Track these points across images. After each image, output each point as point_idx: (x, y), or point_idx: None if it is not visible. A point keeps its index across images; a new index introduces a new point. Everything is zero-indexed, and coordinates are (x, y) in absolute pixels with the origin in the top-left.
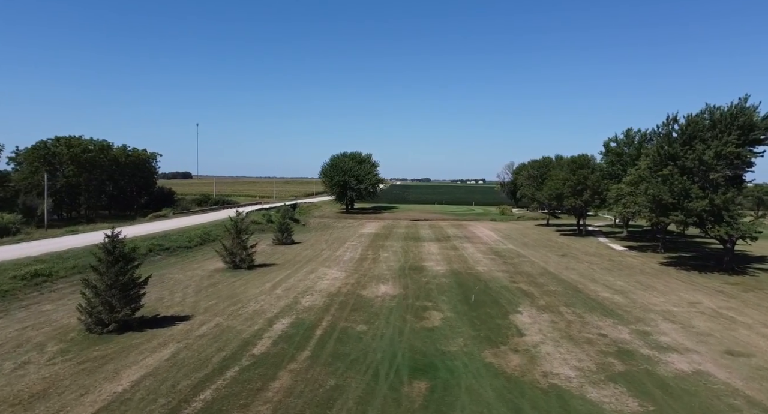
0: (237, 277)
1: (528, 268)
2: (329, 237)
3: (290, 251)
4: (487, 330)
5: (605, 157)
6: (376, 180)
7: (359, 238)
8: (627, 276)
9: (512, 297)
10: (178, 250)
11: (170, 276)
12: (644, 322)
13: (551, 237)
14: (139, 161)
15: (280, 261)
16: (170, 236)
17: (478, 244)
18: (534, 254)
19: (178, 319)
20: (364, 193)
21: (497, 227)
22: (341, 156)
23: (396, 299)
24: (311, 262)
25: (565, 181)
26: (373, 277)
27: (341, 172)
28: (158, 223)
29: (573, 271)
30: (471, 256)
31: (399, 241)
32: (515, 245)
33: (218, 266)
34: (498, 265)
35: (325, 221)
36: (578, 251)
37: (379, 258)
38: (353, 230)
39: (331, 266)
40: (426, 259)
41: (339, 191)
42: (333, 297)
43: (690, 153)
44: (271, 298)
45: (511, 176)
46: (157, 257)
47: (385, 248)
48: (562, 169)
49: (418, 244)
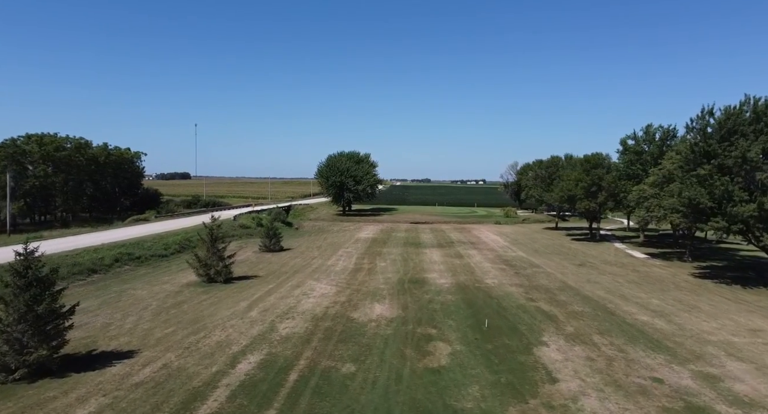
0: (209, 293)
1: (544, 282)
2: (323, 242)
3: (277, 260)
4: (509, 372)
5: (622, 156)
6: (375, 181)
7: (355, 243)
8: (660, 292)
9: (532, 321)
10: (150, 260)
11: (132, 292)
12: (705, 360)
13: (563, 242)
14: (122, 161)
15: (264, 272)
16: (144, 243)
17: (484, 250)
18: (548, 263)
19: (119, 357)
20: (362, 194)
21: (503, 231)
22: (338, 155)
23: (393, 324)
24: (298, 273)
25: (577, 181)
26: (368, 293)
27: (338, 173)
28: (137, 228)
29: (596, 285)
30: (478, 265)
31: (398, 248)
32: (525, 252)
33: (191, 279)
34: (510, 278)
35: (320, 224)
36: (596, 259)
37: (375, 268)
38: (349, 235)
39: (320, 279)
40: (428, 269)
41: (335, 192)
42: (318, 321)
43: (731, 150)
44: (243, 322)
45: (515, 177)
46: (124, 268)
47: (382, 256)
48: (574, 168)
49: (419, 251)
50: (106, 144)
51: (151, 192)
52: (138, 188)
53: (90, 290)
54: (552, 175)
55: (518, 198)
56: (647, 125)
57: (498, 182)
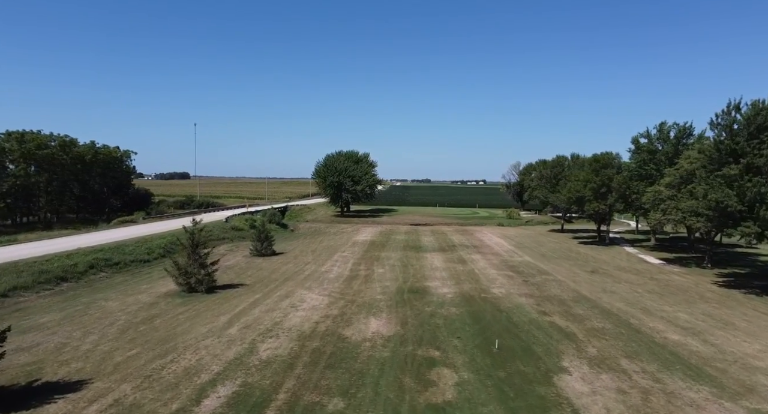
0: (188, 305)
1: (556, 291)
2: (318, 246)
3: (268, 265)
4: (528, 410)
5: (634, 155)
6: (374, 181)
7: (352, 247)
8: (686, 304)
9: (549, 340)
10: (130, 266)
11: (102, 304)
12: (759, 394)
13: (570, 246)
14: (110, 160)
15: (251, 280)
16: (125, 247)
17: (488, 255)
18: (557, 270)
19: (64, 389)
20: (360, 194)
21: (506, 233)
22: (336, 155)
23: (391, 344)
24: (289, 281)
25: (586, 182)
26: (363, 304)
27: (336, 173)
28: (122, 230)
29: (614, 295)
30: (483, 272)
31: (397, 252)
32: (532, 257)
33: (171, 289)
34: (518, 286)
35: (317, 226)
36: (608, 265)
37: (372, 275)
38: (346, 237)
39: (312, 287)
40: (429, 276)
41: (333, 193)
42: (305, 340)
43: (762, 148)
44: (219, 342)
45: (518, 177)
46: (99, 275)
47: (380, 261)
48: (582, 169)
49: (420, 256)
50: (93, 142)
51: (142, 192)
52: (129, 188)
53: (55, 302)
54: (558, 176)
55: (521, 199)
56: (661, 123)
57: (499, 183)
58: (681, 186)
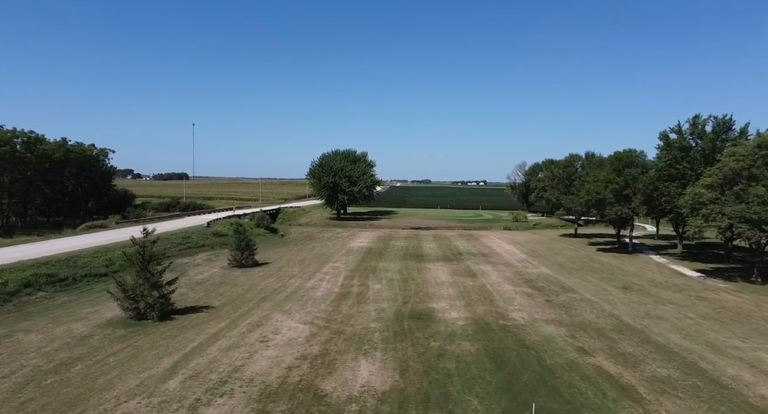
0: (128, 340)
1: (590, 316)
2: (308, 254)
3: (246, 279)
4: None
5: (664, 153)
6: (372, 181)
7: (346, 255)
8: (760, 336)
9: (602, 400)
10: (80, 282)
11: (17, 339)
12: None
13: (590, 254)
14: (84, 159)
15: (221, 300)
16: (79, 259)
17: (499, 265)
18: (583, 286)
19: None
20: (357, 196)
21: (515, 239)
22: (332, 154)
23: (386, 408)
24: (267, 302)
25: (607, 183)
26: (353, 337)
27: (331, 173)
28: (87, 237)
29: (663, 323)
30: (496, 288)
31: (397, 261)
32: (550, 268)
33: (117, 314)
34: (542, 309)
35: (310, 231)
36: (640, 280)
37: (367, 293)
38: (341, 244)
39: (292, 311)
40: (434, 294)
41: (329, 194)
42: (268, 401)
43: None
44: (147, 407)
45: (523, 178)
46: (36, 296)
47: (377, 274)
48: (601, 168)
49: (422, 267)
50: (64, 140)
51: (121, 193)
52: (108, 189)
53: None
54: (571, 176)
55: (526, 200)
56: (694, 116)
57: (500, 183)
58: (725, 187)
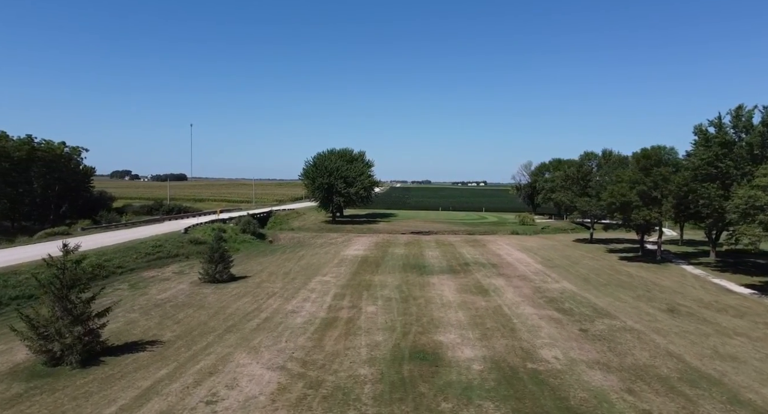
0: (19, 404)
1: (643, 356)
2: (295, 265)
3: (215, 300)
4: None
5: (702, 150)
6: (370, 182)
7: (338, 266)
8: None
9: None
10: (8, 307)
11: None
12: None
13: (613, 264)
14: (53, 158)
15: (175, 332)
16: (13, 277)
17: (513, 279)
18: (619, 307)
19: None
20: (354, 198)
21: (526, 245)
22: (328, 153)
23: None
24: (231, 333)
25: (633, 184)
26: (334, 395)
27: (326, 173)
28: (41, 247)
29: (743, 367)
30: (516, 312)
31: (395, 274)
32: (573, 282)
33: (25, 357)
34: (578, 343)
35: (301, 236)
36: (685, 299)
37: (358, 320)
38: (334, 252)
39: (261, 348)
40: (441, 322)
41: (323, 196)
42: None
43: None
44: None
45: (529, 178)
46: None
47: (372, 291)
48: (624, 166)
49: (425, 282)
50: (29, 137)
51: (96, 196)
52: (85, 191)
53: None
54: (586, 176)
55: (532, 202)
56: (738, 106)
57: (500, 184)
58: None
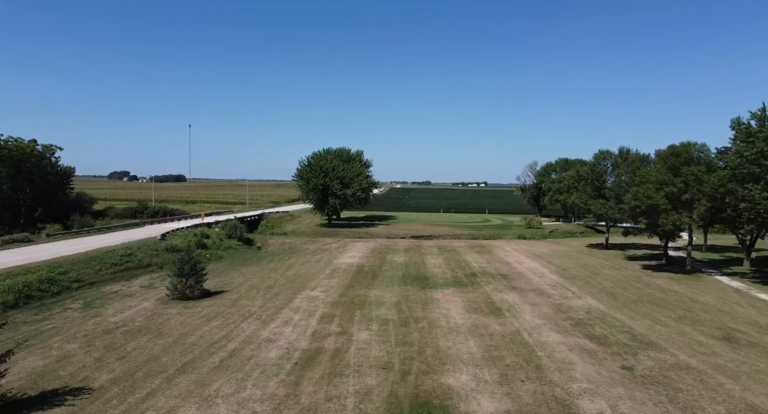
0: None
1: None
2: (281, 276)
3: (177, 324)
4: None
5: (741, 146)
6: (368, 183)
7: (330, 278)
8: None
9: None
10: None
11: None
12: None
13: (639, 275)
14: (22, 157)
15: (113, 372)
16: None
17: (529, 293)
18: (662, 333)
19: None
20: (351, 200)
21: (536, 251)
22: (324, 153)
23: None
24: (184, 375)
25: (660, 185)
26: None
27: (321, 174)
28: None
29: None
30: (539, 340)
31: (394, 288)
32: (598, 298)
33: None
34: (626, 390)
35: (293, 242)
36: (736, 321)
37: (346, 352)
38: (327, 260)
39: (216, 400)
40: (448, 354)
41: (318, 198)
42: None
43: None
44: None
45: (534, 179)
46: None
47: (366, 310)
48: (646, 164)
49: (427, 298)
50: None
51: (71, 198)
52: (63, 193)
53: None
54: (600, 177)
55: (538, 204)
56: None
57: (500, 185)
58: None
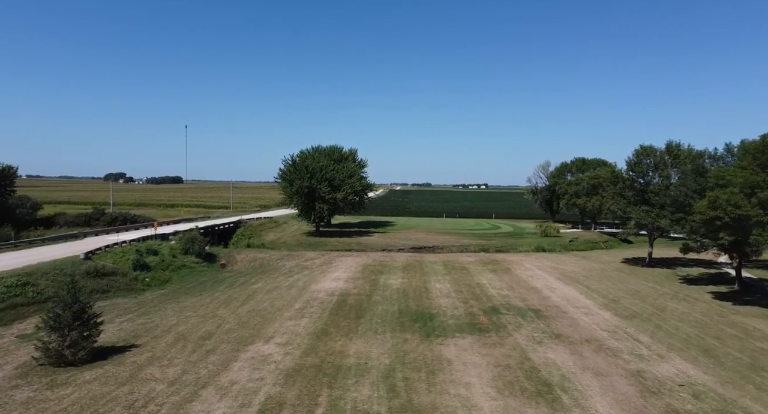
0: None
1: None
2: (230, 315)
3: None
4: None
5: None
6: (363, 186)
7: (298, 318)
8: None
9: None
10: None
11: None
12: None
13: (716, 308)
14: None
15: None
16: None
17: (583, 349)
18: None
19: None
20: (342, 204)
21: (565, 269)
22: (312, 151)
23: None
24: None
25: (752, 189)
26: None
27: (307, 175)
28: None
29: None
30: None
31: (385, 336)
32: (689, 359)
33: None
34: None
35: (266, 257)
36: None
37: None
38: (303, 284)
39: None
40: None
41: (303, 203)
42: None
43: None
44: None
45: (547, 180)
46: None
47: (337, 391)
48: (722, 162)
49: (434, 359)
50: None
51: (11, 204)
52: None
53: None
54: (646, 177)
55: (551, 208)
56: None
57: (501, 187)
58: None
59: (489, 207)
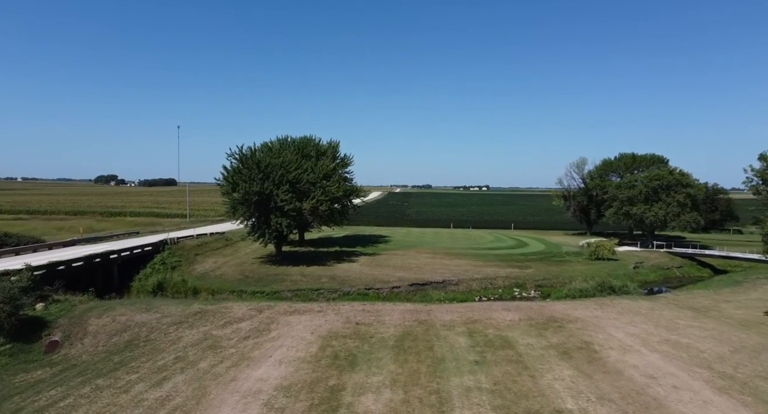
0: None
1: None
2: None
3: None
4: None
5: None
6: (344, 190)
7: None
8: None
9: None
10: None
11: None
12: None
13: None
14: None
15: None
16: None
17: None
18: None
19: None
20: (311, 218)
21: (690, 345)
22: (276, 143)
23: None
24: None
25: None
26: None
27: (259, 176)
28: None
29: None
30: None
31: None
32: None
33: None
34: None
35: (154, 321)
36: None
37: None
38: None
39: None
40: None
41: (251, 215)
42: None
43: None
44: None
45: (581, 182)
46: None
47: None
48: None
49: None
50: None
51: None
52: None
53: None
54: None
55: (588, 217)
56: None
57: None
58: None
59: (499, 213)
